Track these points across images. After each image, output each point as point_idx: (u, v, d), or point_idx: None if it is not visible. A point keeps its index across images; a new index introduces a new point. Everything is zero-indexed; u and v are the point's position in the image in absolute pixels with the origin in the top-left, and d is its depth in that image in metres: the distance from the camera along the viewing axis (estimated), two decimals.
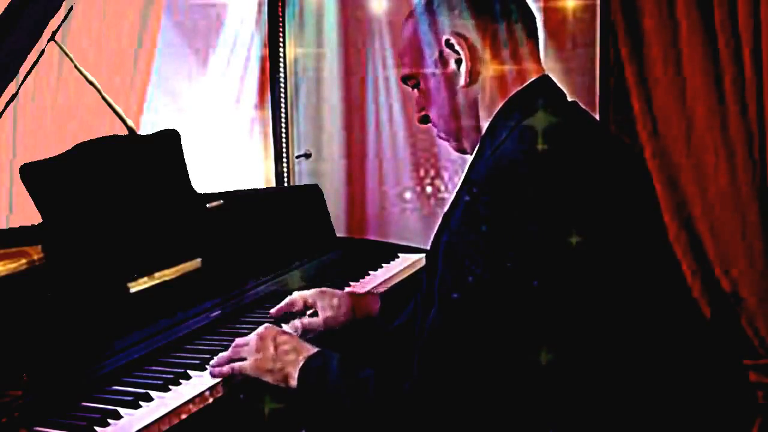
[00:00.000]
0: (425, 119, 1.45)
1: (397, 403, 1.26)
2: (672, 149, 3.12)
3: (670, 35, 3.08)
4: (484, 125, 1.38)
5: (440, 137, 1.47)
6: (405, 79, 1.45)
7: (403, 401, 1.25)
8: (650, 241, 1.33)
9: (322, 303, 1.75)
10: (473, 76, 1.36)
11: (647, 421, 1.25)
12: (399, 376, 1.27)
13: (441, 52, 1.37)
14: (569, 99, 1.41)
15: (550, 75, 1.41)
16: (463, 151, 1.45)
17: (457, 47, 1.35)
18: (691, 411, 1.31)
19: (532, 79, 1.37)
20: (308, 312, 1.77)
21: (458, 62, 1.36)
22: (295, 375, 1.39)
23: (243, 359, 1.48)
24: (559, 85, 1.41)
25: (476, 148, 1.40)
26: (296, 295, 1.78)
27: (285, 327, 1.76)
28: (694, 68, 3.05)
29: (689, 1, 3.03)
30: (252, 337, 1.50)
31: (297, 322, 1.76)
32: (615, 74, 3.16)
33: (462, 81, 1.36)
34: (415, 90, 1.44)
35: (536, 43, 1.41)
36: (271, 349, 1.46)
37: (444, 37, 1.36)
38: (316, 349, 1.43)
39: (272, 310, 1.79)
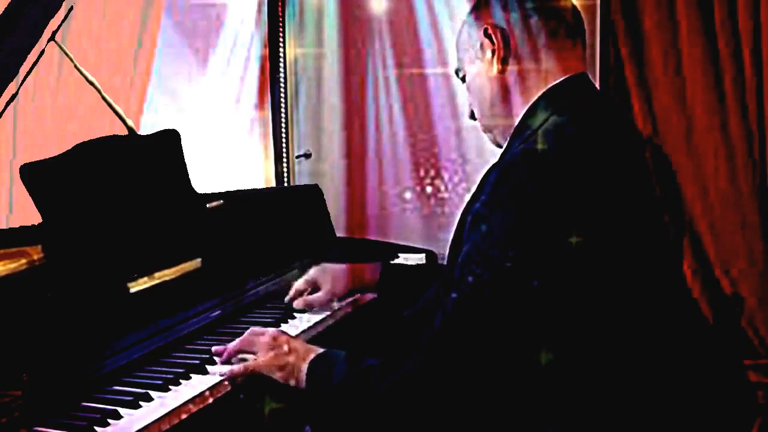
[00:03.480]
0: (473, 114, 1.48)
1: (399, 385, 1.28)
2: (672, 149, 3.12)
3: (670, 35, 3.08)
4: (517, 120, 1.38)
5: (483, 131, 1.48)
6: (456, 72, 1.49)
7: (404, 383, 1.27)
8: (652, 244, 1.33)
9: (323, 278, 1.90)
10: (504, 65, 1.37)
11: (647, 420, 1.26)
12: (401, 360, 1.29)
13: (481, 43, 1.40)
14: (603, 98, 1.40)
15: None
16: (498, 145, 1.45)
17: (492, 37, 1.37)
18: (692, 411, 1.31)
19: (567, 76, 1.37)
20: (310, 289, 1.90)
21: (494, 52, 1.38)
22: (305, 368, 1.42)
23: (252, 353, 1.49)
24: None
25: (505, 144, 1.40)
26: (300, 281, 1.91)
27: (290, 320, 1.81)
28: (694, 68, 3.05)
29: (689, 1, 3.03)
30: (266, 336, 1.51)
31: (300, 300, 1.88)
32: (615, 74, 3.16)
33: (495, 70, 1.38)
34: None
35: (581, 42, 1.41)
36: (285, 347, 1.48)
37: (483, 28, 1.39)
38: (324, 350, 1.46)
39: (286, 298, 1.91)
